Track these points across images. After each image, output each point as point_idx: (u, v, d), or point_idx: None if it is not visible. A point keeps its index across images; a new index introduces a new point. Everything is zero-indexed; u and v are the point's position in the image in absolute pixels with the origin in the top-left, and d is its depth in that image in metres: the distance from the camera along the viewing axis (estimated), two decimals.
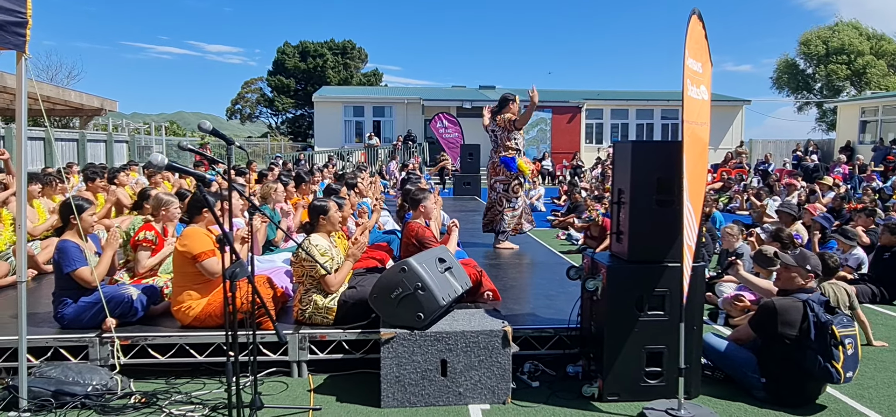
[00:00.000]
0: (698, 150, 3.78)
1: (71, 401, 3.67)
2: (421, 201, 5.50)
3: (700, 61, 3.88)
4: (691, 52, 3.70)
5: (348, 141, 26.33)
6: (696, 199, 3.70)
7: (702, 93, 3.90)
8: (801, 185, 13.53)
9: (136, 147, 22.02)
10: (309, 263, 4.25)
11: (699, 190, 3.82)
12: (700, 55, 3.89)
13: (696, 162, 3.73)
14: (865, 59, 36.09)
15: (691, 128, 3.64)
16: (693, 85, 3.74)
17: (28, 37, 3.54)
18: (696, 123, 3.74)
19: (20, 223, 3.69)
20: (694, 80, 3.76)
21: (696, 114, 3.76)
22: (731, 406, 3.89)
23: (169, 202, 5.36)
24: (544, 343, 4.46)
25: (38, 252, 6.43)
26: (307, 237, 4.43)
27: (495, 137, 7.43)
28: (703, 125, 3.89)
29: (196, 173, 3.47)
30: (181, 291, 4.28)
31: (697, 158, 3.75)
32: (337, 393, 4.01)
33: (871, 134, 22.74)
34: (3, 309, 5.01)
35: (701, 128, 3.86)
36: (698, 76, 3.85)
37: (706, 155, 4.01)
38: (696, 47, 3.79)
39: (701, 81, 3.88)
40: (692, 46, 3.71)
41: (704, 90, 3.95)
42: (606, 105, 28.07)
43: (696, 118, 3.75)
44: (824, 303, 3.87)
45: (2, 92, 12.68)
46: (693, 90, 3.74)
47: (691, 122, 3.65)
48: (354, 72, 44.69)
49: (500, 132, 7.36)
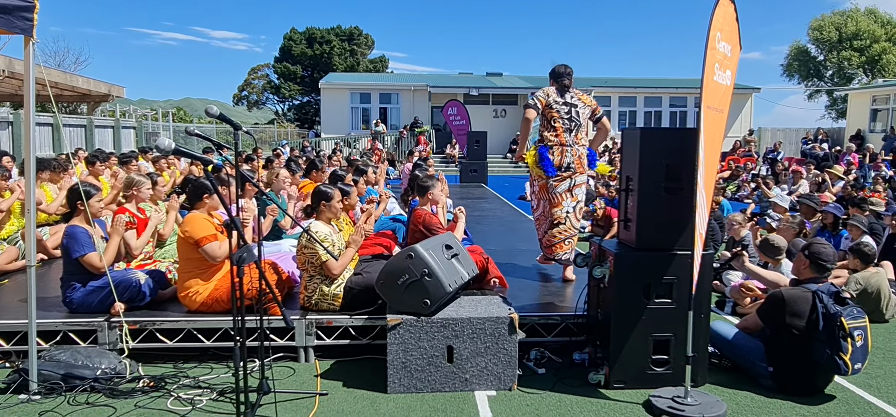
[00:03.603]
0: (713, 137, 3.69)
1: (80, 385, 3.70)
2: (428, 188, 5.47)
3: (730, 43, 3.73)
4: (722, 33, 3.57)
5: (355, 128, 26.30)
6: (708, 187, 3.66)
7: (726, 77, 3.77)
8: (812, 174, 13.43)
9: (144, 133, 22.09)
10: (310, 250, 4.26)
11: (711, 177, 3.77)
12: (730, 37, 3.74)
13: (711, 149, 3.66)
14: (881, 46, 35.59)
15: (711, 113, 3.56)
16: (720, 69, 3.61)
17: (35, 21, 3.53)
18: (715, 109, 3.65)
19: (29, 208, 3.71)
20: (722, 64, 3.64)
21: (717, 99, 3.66)
22: (737, 394, 3.88)
23: (140, 182, 5.48)
24: (551, 330, 4.46)
25: (46, 237, 6.47)
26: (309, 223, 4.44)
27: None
28: (721, 112, 3.79)
29: (203, 158, 3.47)
30: (187, 277, 4.30)
31: (711, 145, 3.68)
32: (344, 379, 4.03)
33: (882, 122, 22.51)
34: (13, 293, 5.05)
35: (720, 115, 3.77)
36: (726, 60, 3.72)
37: (720, 142, 3.90)
38: (726, 28, 3.65)
39: (728, 65, 3.76)
40: (723, 27, 3.58)
41: (729, 75, 3.81)
42: (614, 92, 27.89)
43: (716, 103, 3.65)
44: (834, 294, 3.84)
45: (10, 78, 12.70)
46: (719, 75, 3.62)
47: (711, 108, 3.56)
48: (361, 58, 44.59)
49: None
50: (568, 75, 5.39)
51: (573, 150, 5.29)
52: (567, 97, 5.34)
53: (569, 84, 5.39)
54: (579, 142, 5.36)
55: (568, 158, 5.27)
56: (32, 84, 3.59)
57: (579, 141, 5.37)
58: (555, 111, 5.29)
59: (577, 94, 5.41)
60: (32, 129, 3.70)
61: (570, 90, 5.38)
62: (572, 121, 5.30)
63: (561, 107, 5.30)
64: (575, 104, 5.34)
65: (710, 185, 3.71)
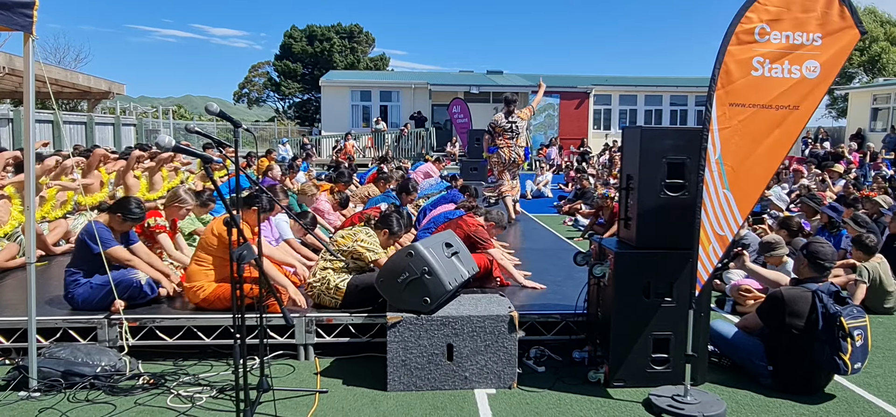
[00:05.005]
0: (755, 135, 3.47)
1: (80, 382, 3.70)
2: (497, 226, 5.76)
3: (815, 32, 3.43)
4: (784, 23, 3.37)
5: (355, 125, 26.27)
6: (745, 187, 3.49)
7: (804, 70, 3.46)
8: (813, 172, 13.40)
9: (144, 130, 22.06)
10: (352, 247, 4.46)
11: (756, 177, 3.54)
12: (812, 24, 3.43)
13: (751, 147, 3.46)
14: (880, 46, 35.54)
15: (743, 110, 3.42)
16: (773, 62, 3.41)
17: (35, 18, 3.52)
18: (760, 105, 3.45)
19: (28, 205, 3.70)
20: (778, 57, 3.42)
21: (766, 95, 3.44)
22: (737, 393, 3.88)
23: (183, 200, 5.43)
24: (550, 328, 4.46)
25: (46, 233, 6.48)
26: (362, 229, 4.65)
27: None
28: (783, 108, 3.49)
29: (204, 155, 3.47)
30: (198, 270, 4.31)
31: (753, 143, 3.46)
32: (343, 377, 4.03)
33: (883, 121, 22.50)
34: (12, 289, 5.05)
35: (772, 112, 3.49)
36: (801, 50, 3.44)
37: (783, 138, 3.52)
38: (796, 16, 3.40)
39: (810, 56, 3.44)
40: (786, 16, 3.37)
41: (814, 66, 3.46)
42: (615, 91, 27.89)
43: (759, 100, 3.45)
44: (834, 294, 3.84)
45: (10, 74, 12.70)
46: (774, 68, 3.42)
47: (743, 105, 3.42)
48: (361, 56, 44.54)
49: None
50: (512, 102, 9.25)
51: (514, 151, 9.28)
52: (511, 118, 9.19)
53: (513, 108, 9.23)
54: (519, 144, 9.28)
55: (513, 156, 9.29)
56: (32, 80, 3.59)
57: (519, 144, 9.29)
58: (501, 127, 9.23)
59: (517, 113, 9.24)
60: (32, 126, 3.70)
61: (512, 113, 9.20)
62: (514, 133, 9.21)
63: (506, 125, 9.19)
64: (515, 121, 9.19)
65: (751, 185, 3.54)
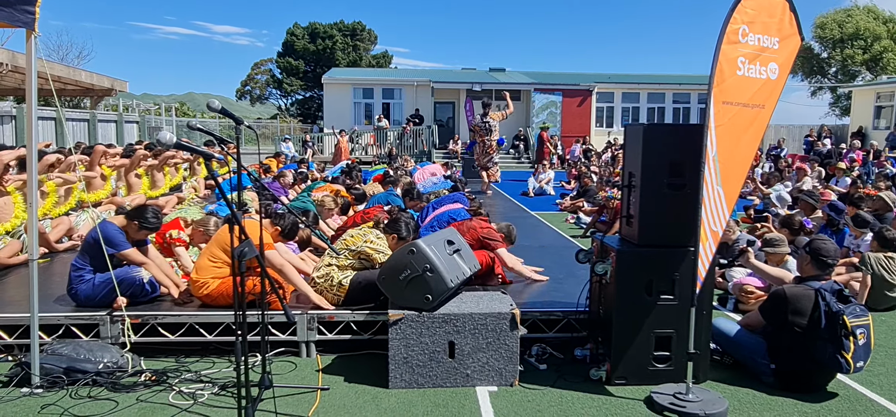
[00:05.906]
0: (737, 132, 3.60)
1: (82, 378, 3.71)
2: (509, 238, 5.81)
3: (771, 35, 3.66)
4: (753, 26, 3.53)
5: (357, 123, 26.27)
6: (730, 183, 3.59)
7: (768, 71, 3.67)
8: (816, 170, 13.37)
9: (147, 127, 22.08)
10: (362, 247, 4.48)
11: (736, 173, 3.67)
12: (773, 29, 3.66)
13: (734, 144, 3.59)
14: (882, 44, 35.43)
15: (731, 108, 3.52)
16: (750, 62, 3.57)
17: (37, 15, 3.53)
18: (744, 105, 3.59)
19: (31, 202, 3.71)
20: (756, 58, 3.59)
21: (748, 94, 3.59)
22: (739, 391, 3.88)
23: (207, 221, 5.45)
24: (552, 326, 4.45)
25: (49, 230, 6.49)
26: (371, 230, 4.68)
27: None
28: (757, 107, 3.67)
29: (205, 152, 3.47)
30: (207, 265, 4.30)
31: (735, 141, 3.60)
32: (345, 374, 4.03)
33: (886, 119, 22.42)
34: (15, 286, 5.06)
35: (753, 111, 3.66)
36: (765, 53, 3.64)
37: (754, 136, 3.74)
38: (761, 21, 3.58)
39: (772, 59, 3.67)
40: (756, 20, 3.53)
41: (775, 68, 3.71)
42: (617, 88, 27.83)
43: (746, 99, 3.59)
44: (837, 292, 3.83)
45: (13, 72, 12.71)
46: (750, 68, 3.58)
47: (736, 104, 3.52)
48: (364, 53, 44.52)
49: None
50: (488, 105, 13.73)
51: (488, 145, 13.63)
52: (486, 118, 13.44)
53: (487, 110, 13.52)
54: (492, 139, 13.60)
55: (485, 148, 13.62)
56: (34, 77, 3.59)
57: (493, 138, 13.61)
58: (477, 126, 13.76)
59: (491, 115, 13.52)
60: (35, 123, 3.70)
61: (487, 114, 13.47)
62: (487, 130, 13.55)
63: (481, 125, 13.55)
64: (488, 120, 13.46)
65: (734, 182, 3.65)
